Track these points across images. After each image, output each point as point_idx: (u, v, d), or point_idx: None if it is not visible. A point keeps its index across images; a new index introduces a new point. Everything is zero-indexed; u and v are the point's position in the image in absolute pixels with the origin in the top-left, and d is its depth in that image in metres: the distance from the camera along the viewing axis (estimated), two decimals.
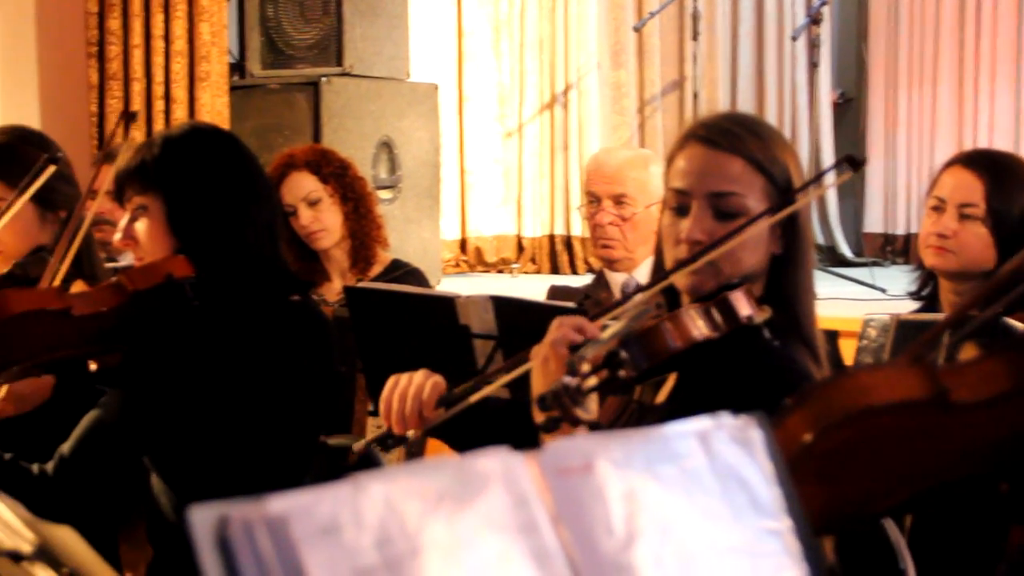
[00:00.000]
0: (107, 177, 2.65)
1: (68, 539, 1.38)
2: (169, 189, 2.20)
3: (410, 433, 1.93)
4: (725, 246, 1.85)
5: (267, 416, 2.17)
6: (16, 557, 1.51)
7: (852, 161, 1.88)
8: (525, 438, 1.69)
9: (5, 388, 2.38)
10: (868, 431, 1.15)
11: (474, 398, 1.91)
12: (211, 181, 2.22)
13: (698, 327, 1.76)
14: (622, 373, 1.65)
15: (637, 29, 6.91)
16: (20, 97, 6.14)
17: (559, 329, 1.76)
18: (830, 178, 1.96)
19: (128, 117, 2.56)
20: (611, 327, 1.75)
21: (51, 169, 2.47)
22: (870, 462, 1.18)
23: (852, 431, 1.14)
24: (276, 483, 2.13)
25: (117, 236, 2.26)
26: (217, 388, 2.12)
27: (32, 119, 6.01)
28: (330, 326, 2.36)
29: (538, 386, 1.74)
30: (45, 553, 1.47)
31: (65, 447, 2.12)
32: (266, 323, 2.20)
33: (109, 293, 2.14)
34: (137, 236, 2.23)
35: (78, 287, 2.24)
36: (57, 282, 2.36)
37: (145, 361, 2.13)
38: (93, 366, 2.29)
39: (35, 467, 2.12)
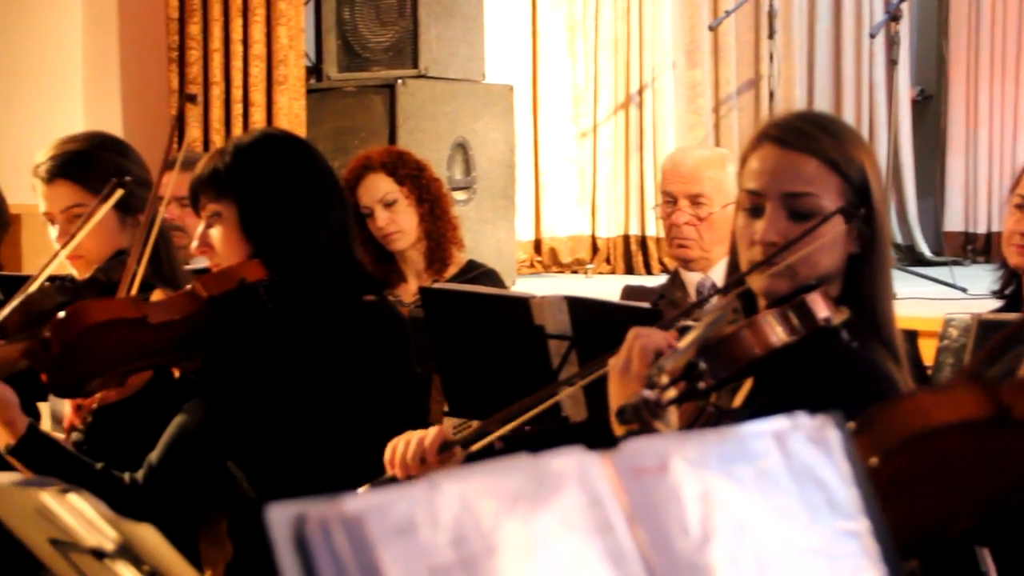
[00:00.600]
0: (172, 183, 2.68)
1: (149, 537, 1.40)
2: (242, 195, 2.22)
3: (412, 476, 1.96)
4: (802, 250, 1.82)
5: (344, 416, 2.18)
6: (99, 554, 1.53)
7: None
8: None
9: (97, 397, 2.40)
10: (930, 453, 1.13)
11: (495, 435, 1.93)
12: (283, 186, 2.24)
13: (776, 333, 1.74)
14: (701, 385, 1.64)
15: (712, 28, 6.86)
16: (103, 101, 6.24)
17: (636, 340, 1.75)
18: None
19: (187, 98, 2.57)
20: (688, 335, 1.74)
21: (119, 193, 2.50)
22: (937, 485, 1.16)
23: (914, 454, 1.11)
24: (355, 483, 2.15)
25: (194, 244, 2.28)
26: (294, 389, 2.14)
27: (114, 123, 6.11)
28: (406, 325, 2.36)
29: (616, 398, 1.73)
30: (127, 551, 1.49)
31: (153, 455, 2.15)
32: (340, 324, 2.21)
33: (184, 300, 2.16)
34: (213, 243, 2.25)
35: (157, 295, 2.27)
36: (135, 288, 2.38)
37: (224, 366, 2.14)
38: (176, 373, 2.32)
39: (126, 476, 2.15)
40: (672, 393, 1.61)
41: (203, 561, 2.52)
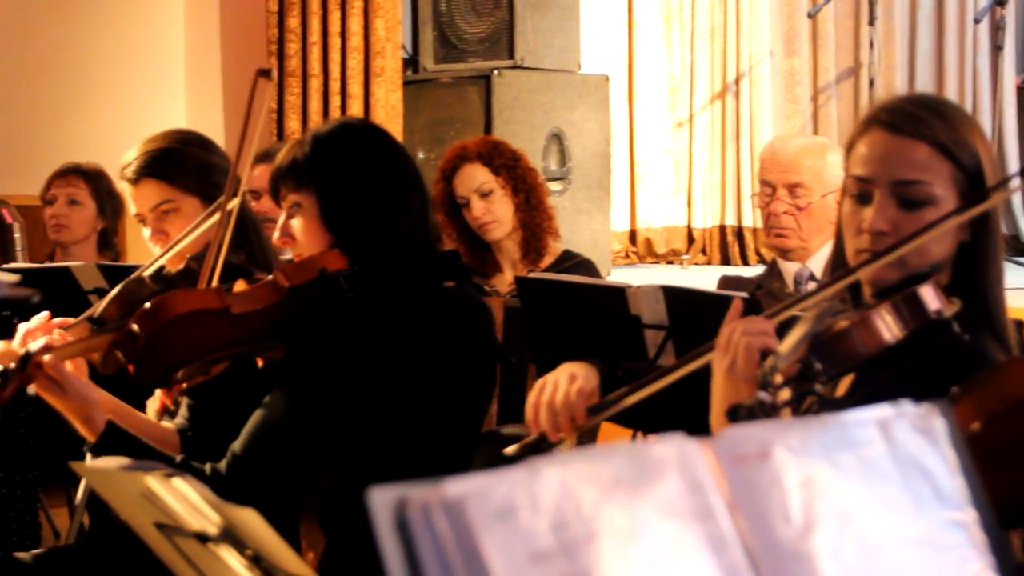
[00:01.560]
0: (255, 176, 2.71)
1: (252, 521, 1.42)
2: (321, 185, 2.23)
3: (562, 436, 1.94)
4: (915, 242, 1.77)
5: (426, 402, 2.19)
6: (203, 538, 1.56)
7: None
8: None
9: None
10: None
11: (628, 401, 1.89)
12: (361, 175, 2.25)
13: (890, 329, 1.69)
14: (817, 385, 1.62)
15: (811, 16, 6.78)
16: (204, 96, 6.34)
17: (741, 338, 1.72)
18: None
19: (262, 73, 2.57)
20: (795, 329, 1.71)
21: (216, 217, 2.52)
22: None
23: (1018, 420, 1.09)
24: (440, 469, 2.16)
25: (276, 235, 2.30)
26: (376, 377, 2.15)
27: (215, 115, 6.20)
28: (487, 310, 2.36)
29: (724, 396, 1.71)
30: (230, 535, 1.51)
31: (236, 445, 2.17)
32: (421, 311, 2.22)
33: (266, 290, 2.18)
34: (293, 233, 2.27)
35: (239, 286, 2.29)
36: (216, 278, 2.40)
37: (306, 355, 2.16)
38: (259, 363, 2.33)
39: (207, 467, 2.17)
40: (786, 393, 1.59)
41: (303, 544, 2.55)
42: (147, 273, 2.52)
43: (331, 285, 2.16)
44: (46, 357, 2.11)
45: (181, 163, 2.61)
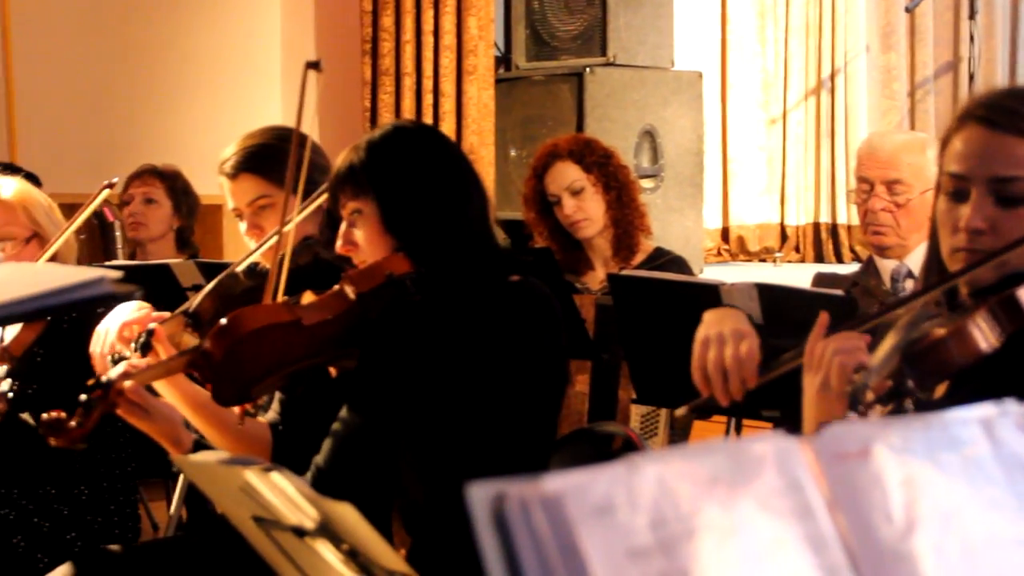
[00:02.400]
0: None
1: (348, 516, 1.43)
2: (380, 191, 2.23)
3: (735, 398, 1.89)
4: (1019, 248, 1.72)
5: (500, 396, 2.18)
6: (300, 532, 1.58)
7: None
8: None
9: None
10: None
11: (796, 363, 1.84)
12: (419, 177, 2.25)
13: (986, 338, 1.64)
14: (908, 402, 1.58)
15: (909, 10, 6.68)
16: (299, 94, 6.40)
17: (834, 357, 1.68)
18: None
19: (311, 65, 2.58)
20: (886, 340, 1.67)
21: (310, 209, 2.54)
22: None
23: None
24: (519, 463, 2.15)
25: (338, 243, 2.31)
26: (450, 376, 2.15)
27: (309, 113, 6.26)
28: (554, 302, 2.35)
29: (816, 413, 1.68)
30: (326, 529, 1.53)
31: (319, 458, 2.17)
32: (489, 306, 2.21)
33: (335, 300, 2.19)
34: (356, 240, 2.27)
35: (307, 297, 2.30)
36: (282, 288, 2.41)
37: (379, 361, 2.16)
38: (333, 372, 2.35)
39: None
40: (879, 411, 1.56)
41: (396, 540, 2.57)
42: (240, 269, 2.55)
43: (398, 289, 2.16)
44: (127, 383, 2.14)
45: (278, 159, 2.64)
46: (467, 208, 2.24)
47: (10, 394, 2.88)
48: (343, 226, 2.28)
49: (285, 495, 1.54)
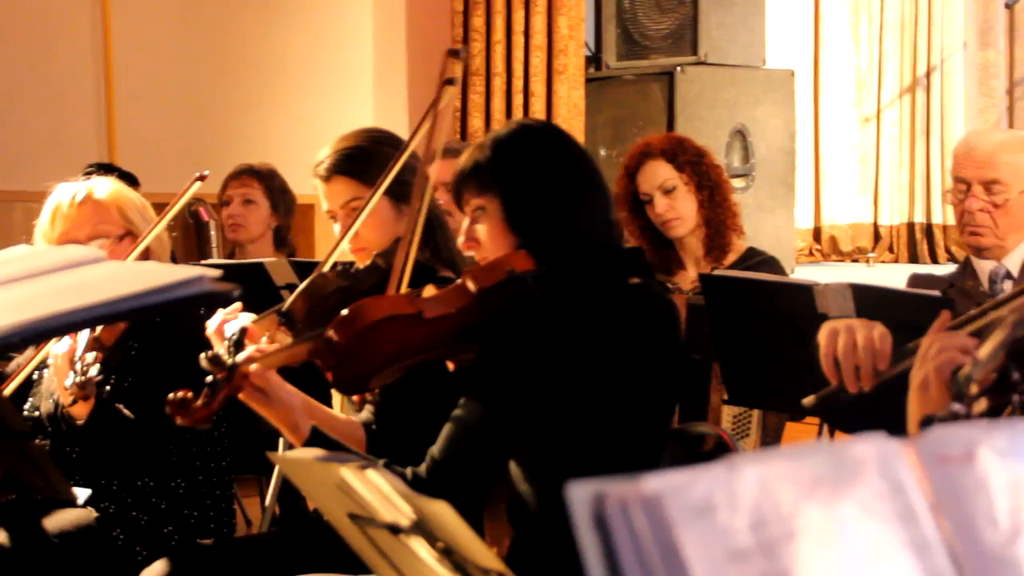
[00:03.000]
0: (435, 171, 2.75)
1: (443, 514, 1.44)
2: (505, 188, 2.24)
3: (864, 387, 1.86)
4: None
5: (618, 397, 2.18)
6: (395, 530, 1.59)
7: None
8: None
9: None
10: None
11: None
12: (544, 175, 2.25)
13: None
14: (1015, 397, 1.56)
15: (1009, 6, 6.57)
16: (391, 95, 6.46)
17: (942, 352, 1.66)
18: None
19: (451, 53, 2.59)
20: (992, 337, 1.65)
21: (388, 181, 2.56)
22: None
23: None
24: (631, 465, 2.15)
25: (460, 239, 2.32)
26: (568, 375, 2.15)
27: (400, 114, 6.31)
28: (674, 306, 2.34)
29: (919, 405, 1.66)
30: (422, 527, 1.54)
31: (435, 449, 2.19)
32: (609, 307, 2.22)
33: (456, 294, 2.20)
34: (478, 237, 2.29)
35: (428, 291, 2.32)
36: (406, 280, 2.43)
37: (499, 357, 2.17)
38: (451, 366, 2.36)
39: (409, 471, 2.20)
40: (982, 405, 1.54)
41: (488, 539, 2.58)
42: (332, 269, 2.58)
43: (520, 286, 2.17)
44: (252, 367, 2.17)
45: (372, 161, 2.67)
46: (590, 208, 2.25)
47: (107, 387, 2.94)
48: (465, 222, 2.30)
49: (380, 492, 1.56)
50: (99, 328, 2.85)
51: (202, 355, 2.18)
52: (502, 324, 2.17)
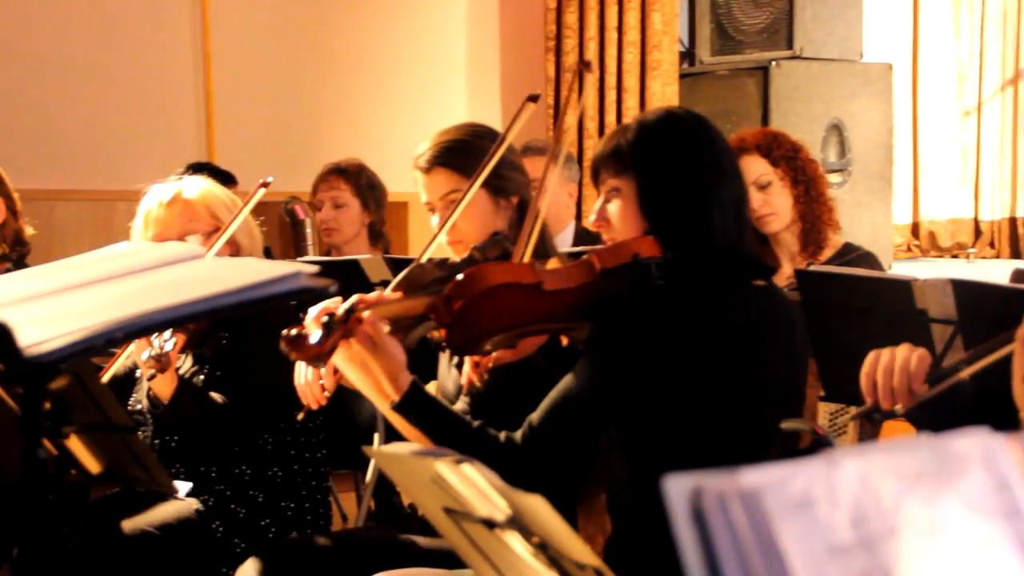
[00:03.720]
0: (537, 167, 2.76)
1: (539, 508, 1.43)
2: (642, 173, 2.25)
3: (898, 408, 1.88)
4: None
5: (728, 397, 2.17)
6: (490, 524, 1.59)
7: None
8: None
9: (494, 356, 2.48)
10: None
11: (964, 373, 1.81)
12: (683, 165, 2.25)
13: None
14: None
15: None
16: (483, 91, 6.48)
17: None
18: None
19: (584, 65, 2.62)
20: None
21: (483, 175, 2.58)
22: None
23: None
24: (736, 463, 2.13)
25: (591, 218, 2.33)
26: (680, 366, 2.14)
27: (493, 111, 6.32)
28: (794, 312, 2.33)
29: (1020, 397, 1.64)
30: (517, 521, 1.54)
31: (534, 416, 2.19)
32: (730, 305, 2.20)
33: (579, 270, 2.21)
34: (609, 217, 2.29)
35: (552, 263, 2.32)
36: (531, 246, 2.45)
37: (612, 337, 2.17)
38: (564, 340, 2.36)
39: (503, 435, 2.20)
40: None
41: (583, 534, 2.57)
42: (428, 259, 2.59)
43: (643, 271, 2.17)
44: (367, 313, 2.18)
45: (471, 154, 2.68)
46: (724, 203, 2.24)
47: (201, 377, 2.99)
48: (598, 202, 2.31)
49: (476, 487, 1.56)
50: None
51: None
52: (620, 306, 2.17)
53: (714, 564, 0.76)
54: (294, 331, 2.10)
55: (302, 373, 2.63)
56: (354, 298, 2.21)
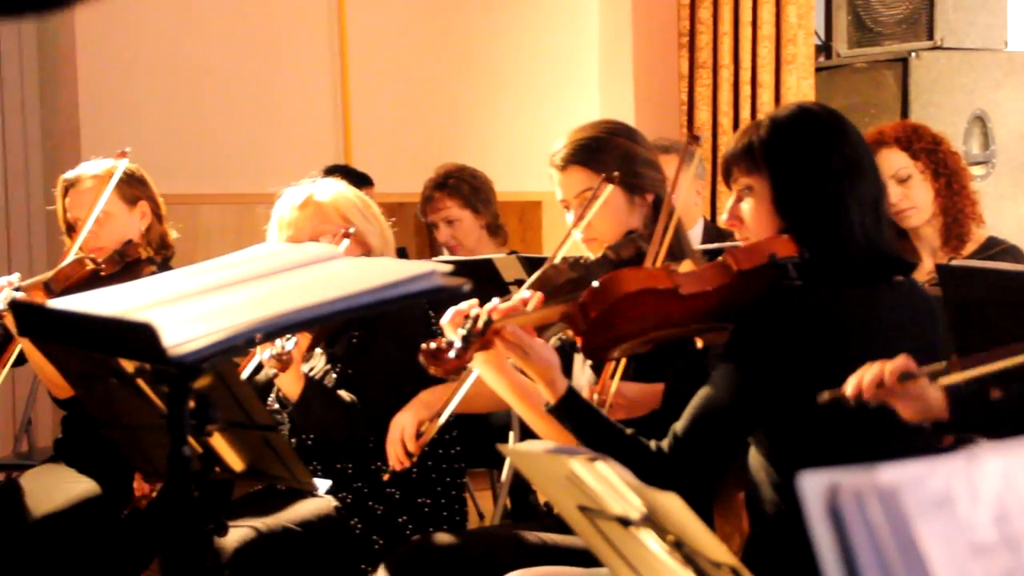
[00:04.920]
0: (666, 165, 2.75)
1: (675, 507, 1.43)
2: (776, 170, 2.21)
3: (869, 399, 1.93)
4: None
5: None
6: (624, 522, 1.59)
7: None
8: None
9: (615, 383, 2.48)
10: None
11: (951, 375, 1.84)
12: (818, 162, 2.21)
13: None
14: None
15: None
16: (616, 88, 6.47)
17: None
18: None
19: (693, 139, 2.62)
20: None
21: (607, 188, 2.57)
22: None
23: None
24: (882, 460, 2.09)
25: (723, 217, 2.31)
26: (821, 366, 2.10)
27: (626, 108, 6.31)
28: (935, 308, 2.28)
29: None
30: (652, 520, 1.54)
31: (678, 425, 2.17)
32: (870, 303, 2.17)
33: (715, 272, 2.19)
34: (742, 216, 2.26)
35: (686, 266, 2.31)
36: (661, 257, 2.44)
37: (752, 339, 2.14)
38: (699, 343, 2.34)
39: (652, 443, 2.19)
40: None
41: (719, 533, 2.55)
42: (563, 260, 2.59)
43: (780, 271, 2.15)
44: (505, 324, 2.19)
45: (606, 152, 2.68)
46: (861, 199, 2.20)
47: (333, 375, 3.04)
48: (730, 200, 2.29)
49: (610, 485, 1.56)
50: None
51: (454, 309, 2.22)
52: (758, 308, 2.14)
53: (851, 563, 0.75)
54: (432, 345, 2.12)
55: (396, 429, 2.71)
56: (489, 305, 2.22)
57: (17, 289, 3.23)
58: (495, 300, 2.30)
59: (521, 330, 2.19)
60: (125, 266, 3.45)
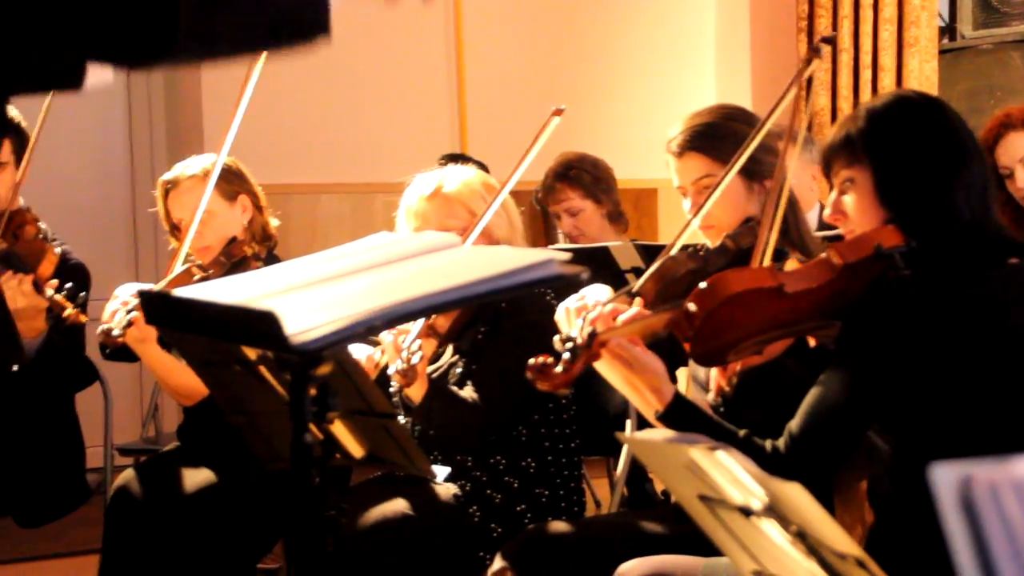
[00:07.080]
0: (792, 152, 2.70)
1: (798, 497, 1.41)
2: (876, 160, 2.17)
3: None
4: None
5: (991, 382, 2.08)
6: (746, 512, 1.57)
7: None
8: None
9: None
10: None
11: None
12: (919, 149, 2.17)
13: None
14: None
15: None
16: (733, 73, 6.40)
17: None
18: None
19: (814, 51, 2.55)
20: None
21: (739, 163, 2.54)
22: None
23: None
24: (1002, 451, 2.05)
25: (827, 211, 2.27)
26: (937, 355, 2.06)
27: (743, 93, 6.24)
28: None
29: None
30: (774, 510, 1.52)
31: (794, 424, 2.15)
32: (983, 287, 2.12)
33: (820, 268, 2.15)
34: (845, 209, 2.23)
35: (791, 264, 2.27)
36: (768, 256, 2.40)
37: (863, 333, 2.11)
38: (812, 342, 2.31)
39: (768, 444, 2.18)
40: None
41: (841, 524, 2.52)
42: (681, 250, 2.57)
43: (887, 262, 2.11)
44: (610, 337, 2.19)
45: (724, 138, 2.64)
46: (966, 183, 2.15)
47: (457, 370, 3.05)
48: (833, 194, 2.26)
49: (731, 474, 1.54)
50: (433, 315, 2.96)
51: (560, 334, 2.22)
52: (867, 301, 2.11)
53: (986, 556, 0.73)
54: (540, 360, 2.13)
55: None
56: (594, 313, 2.22)
57: (131, 310, 3.27)
58: (598, 308, 2.30)
59: (626, 341, 2.19)
60: (232, 267, 3.50)
